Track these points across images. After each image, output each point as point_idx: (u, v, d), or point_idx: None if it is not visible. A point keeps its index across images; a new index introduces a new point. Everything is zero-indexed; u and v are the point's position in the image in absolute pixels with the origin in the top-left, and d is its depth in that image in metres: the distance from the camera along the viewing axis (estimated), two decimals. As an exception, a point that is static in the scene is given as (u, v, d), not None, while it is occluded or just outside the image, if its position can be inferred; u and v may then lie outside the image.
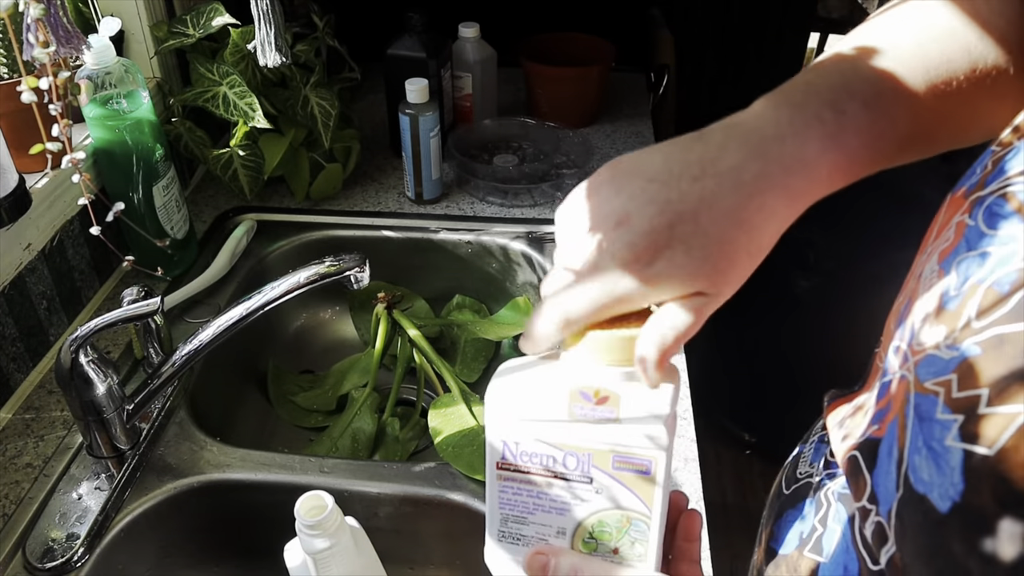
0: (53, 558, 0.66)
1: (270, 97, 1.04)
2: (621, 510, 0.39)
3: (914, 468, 0.32)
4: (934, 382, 0.32)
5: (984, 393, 0.29)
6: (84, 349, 0.66)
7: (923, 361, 0.33)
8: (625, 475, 0.39)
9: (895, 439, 0.35)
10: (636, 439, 0.38)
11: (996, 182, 0.34)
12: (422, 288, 1.09)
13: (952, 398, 0.30)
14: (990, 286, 0.31)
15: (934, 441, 0.31)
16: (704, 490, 0.73)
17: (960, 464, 0.29)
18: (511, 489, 0.41)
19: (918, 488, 0.32)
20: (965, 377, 0.30)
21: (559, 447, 0.39)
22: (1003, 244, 0.31)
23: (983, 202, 0.34)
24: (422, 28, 1.11)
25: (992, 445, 0.28)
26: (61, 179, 0.83)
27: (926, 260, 0.38)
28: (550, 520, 0.41)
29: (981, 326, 0.30)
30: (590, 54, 1.30)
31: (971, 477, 0.28)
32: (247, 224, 1.03)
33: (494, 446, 0.40)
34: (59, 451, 0.75)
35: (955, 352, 0.31)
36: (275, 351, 1.04)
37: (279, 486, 0.74)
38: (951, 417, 0.30)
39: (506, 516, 0.42)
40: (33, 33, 0.66)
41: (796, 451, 0.56)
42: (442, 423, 0.80)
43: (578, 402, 0.38)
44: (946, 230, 0.36)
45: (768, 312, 1.81)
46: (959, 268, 0.33)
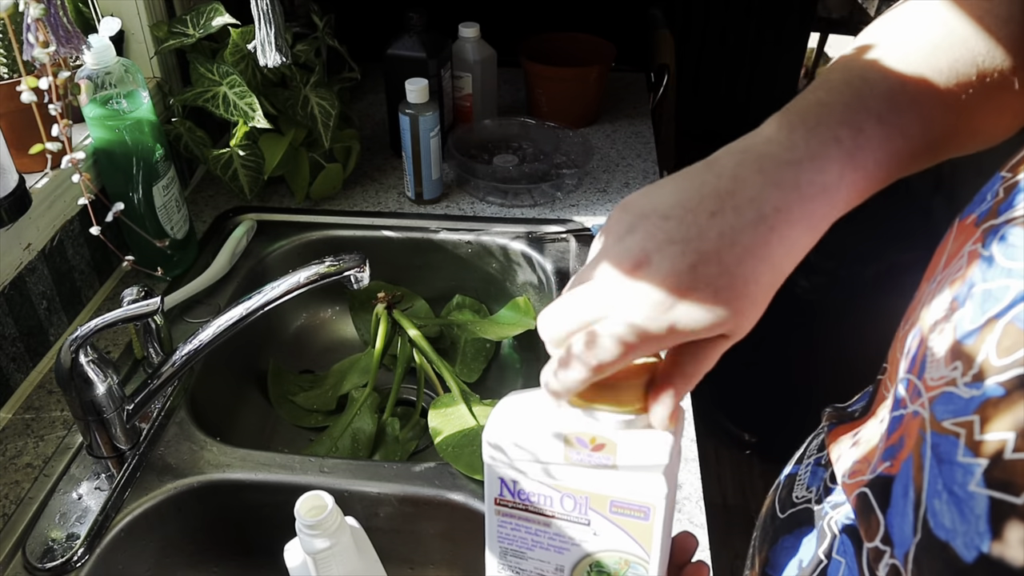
0: (53, 558, 0.66)
1: (270, 97, 1.04)
2: (619, 552, 0.39)
3: (934, 513, 0.31)
4: (953, 422, 0.30)
5: (1011, 438, 0.27)
6: (84, 349, 0.66)
7: (939, 399, 0.32)
8: (623, 520, 0.38)
9: (910, 479, 0.34)
10: (633, 487, 0.37)
11: (1010, 211, 0.33)
12: (422, 288, 1.09)
13: (975, 441, 0.29)
14: (1010, 322, 0.29)
15: (956, 486, 0.29)
16: (704, 490, 0.73)
17: (986, 512, 0.28)
18: (509, 524, 0.41)
19: (939, 534, 0.30)
20: (988, 419, 0.29)
21: (556, 489, 0.39)
22: (1021, 278, 0.30)
23: (997, 231, 0.33)
24: (422, 28, 1.11)
25: (1021, 493, 0.27)
26: (61, 179, 0.83)
27: (936, 289, 0.36)
28: (548, 557, 0.41)
29: (1003, 365, 0.29)
30: (590, 54, 1.30)
31: (998, 526, 0.27)
32: (247, 224, 1.03)
33: (493, 482, 0.40)
34: (59, 451, 0.75)
35: (976, 391, 0.30)
36: (275, 351, 1.04)
37: (279, 486, 0.74)
38: (974, 461, 0.29)
39: (505, 549, 0.42)
40: (33, 33, 0.66)
41: (790, 471, 0.54)
42: (442, 423, 0.80)
43: (574, 447, 0.37)
44: (957, 259, 0.35)
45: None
46: (974, 301, 0.32)
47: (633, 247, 0.34)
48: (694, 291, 0.33)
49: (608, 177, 1.18)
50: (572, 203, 1.11)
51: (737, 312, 0.34)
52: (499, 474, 0.40)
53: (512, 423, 0.39)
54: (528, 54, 1.28)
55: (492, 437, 0.39)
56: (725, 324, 0.34)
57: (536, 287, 1.03)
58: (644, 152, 1.25)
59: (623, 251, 0.35)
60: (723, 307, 0.33)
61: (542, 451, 0.38)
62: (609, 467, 0.37)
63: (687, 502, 0.71)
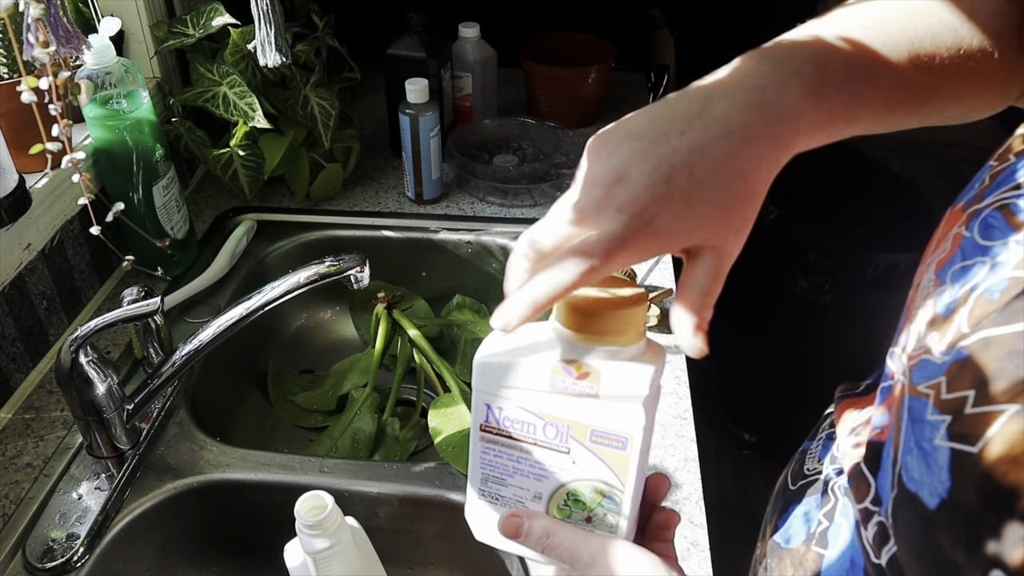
0: (53, 558, 0.66)
1: (270, 97, 1.04)
2: (596, 482, 0.40)
3: (907, 468, 0.33)
4: (926, 385, 0.33)
5: (971, 394, 0.30)
6: (84, 349, 0.66)
7: (917, 366, 0.34)
8: (601, 449, 0.39)
9: (891, 442, 0.36)
10: (613, 417, 0.39)
11: (992, 196, 0.35)
12: (422, 288, 1.09)
13: (941, 399, 0.31)
14: (981, 294, 0.32)
15: (924, 441, 0.32)
16: (704, 490, 0.73)
17: (948, 462, 0.30)
18: (492, 451, 0.42)
19: (910, 487, 0.33)
20: (954, 380, 0.31)
21: (540, 416, 0.40)
22: (996, 255, 0.33)
23: (980, 215, 0.35)
24: (422, 28, 1.11)
25: (976, 443, 0.29)
26: (61, 179, 0.83)
27: (925, 270, 0.39)
28: (528, 484, 0.42)
29: (971, 331, 0.31)
30: (590, 54, 1.30)
31: (957, 474, 0.29)
32: (247, 224, 1.03)
33: (479, 408, 0.42)
34: (59, 451, 0.75)
35: (946, 357, 0.32)
36: (275, 351, 1.04)
37: (279, 486, 0.74)
38: (940, 418, 0.31)
39: (486, 476, 0.44)
40: (33, 33, 0.66)
41: (803, 447, 0.56)
42: (442, 423, 0.80)
43: (560, 375, 0.39)
44: (944, 242, 0.38)
45: (768, 312, 1.81)
46: (954, 277, 0.35)
47: (611, 166, 0.37)
48: (669, 201, 0.36)
49: (608, 177, 1.18)
50: (572, 203, 1.11)
51: (715, 220, 0.36)
52: (486, 400, 0.41)
53: (503, 350, 0.40)
54: (528, 54, 1.28)
55: (482, 362, 0.40)
56: (700, 230, 0.36)
57: (536, 287, 1.03)
58: (644, 152, 1.25)
59: (601, 171, 0.37)
60: (697, 214, 0.36)
61: (529, 377, 0.39)
62: (592, 396, 0.39)
63: (687, 502, 0.71)
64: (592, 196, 0.37)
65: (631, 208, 0.35)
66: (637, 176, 0.36)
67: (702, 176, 0.36)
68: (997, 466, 0.28)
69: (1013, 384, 0.28)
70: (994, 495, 0.28)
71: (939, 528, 0.30)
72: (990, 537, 0.27)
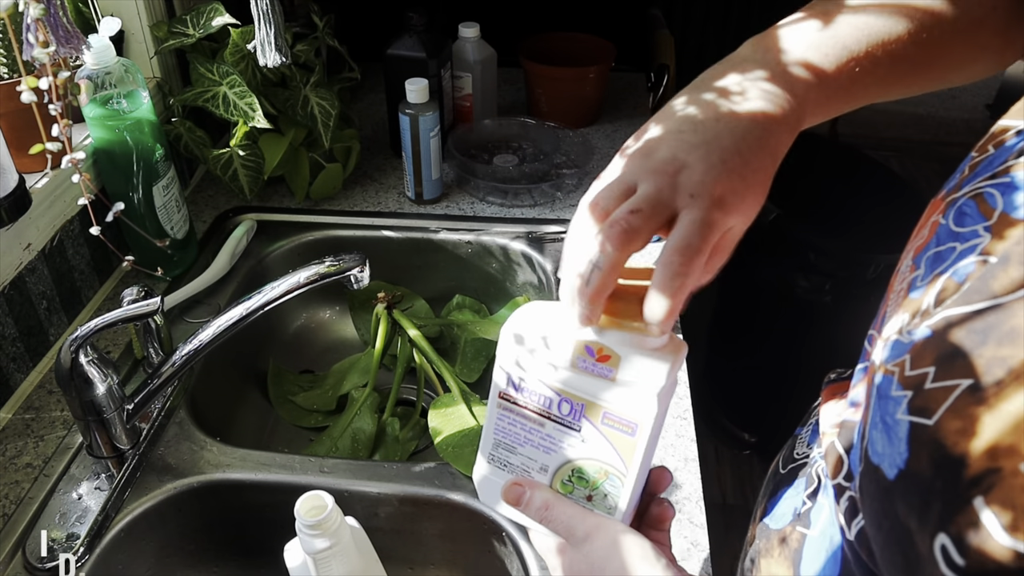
0: (53, 558, 0.66)
1: (270, 97, 1.04)
2: (602, 462, 0.41)
3: (872, 442, 0.35)
4: (893, 363, 0.34)
5: (931, 371, 0.31)
6: (84, 349, 0.66)
7: (887, 346, 0.36)
8: (611, 432, 0.41)
9: (862, 419, 0.38)
10: (627, 402, 0.40)
11: (969, 185, 0.37)
12: (422, 288, 1.09)
13: (905, 376, 0.33)
14: (949, 276, 0.34)
15: (887, 416, 0.33)
16: (704, 490, 0.73)
17: (906, 435, 0.31)
18: (507, 419, 0.44)
19: (873, 460, 0.34)
20: (917, 357, 0.32)
21: (557, 391, 0.41)
22: (967, 240, 0.34)
23: (956, 203, 0.37)
24: (422, 28, 1.11)
25: (932, 416, 0.30)
26: (61, 179, 0.83)
27: (904, 257, 0.41)
28: (536, 455, 0.44)
29: (937, 311, 0.33)
30: (590, 54, 1.30)
31: (914, 445, 0.31)
32: (247, 224, 1.03)
33: (500, 376, 0.43)
34: (59, 451, 0.75)
35: (912, 336, 0.34)
36: (275, 351, 1.04)
37: (279, 486, 0.74)
38: (902, 393, 0.32)
39: (498, 442, 0.45)
40: (33, 33, 0.66)
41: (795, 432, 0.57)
42: (442, 423, 0.80)
43: (582, 355, 0.40)
44: (923, 229, 0.40)
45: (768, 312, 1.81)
46: (928, 263, 0.37)
47: (665, 157, 0.39)
48: (729, 179, 0.38)
49: (608, 177, 1.18)
50: (572, 203, 1.11)
51: (760, 193, 0.40)
52: (508, 370, 0.43)
53: (531, 323, 0.42)
54: (528, 54, 1.28)
55: (509, 332, 0.42)
56: (754, 204, 0.40)
57: (536, 287, 1.03)
58: (644, 152, 1.25)
59: (658, 163, 0.39)
60: (752, 189, 0.39)
61: (553, 352, 0.41)
62: (609, 379, 0.40)
63: (687, 502, 0.71)
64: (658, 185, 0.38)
65: (702, 191, 0.38)
66: (695, 162, 0.38)
67: (750, 157, 0.39)
68: (948, 436, 0.29)
69: (968, 360, 0.30)
70: (944, 463, 0.29)
71: (896, 497, 0.32)
72: (938, 503, 0.29)
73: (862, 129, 3.42)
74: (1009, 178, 0.34)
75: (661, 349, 0.39)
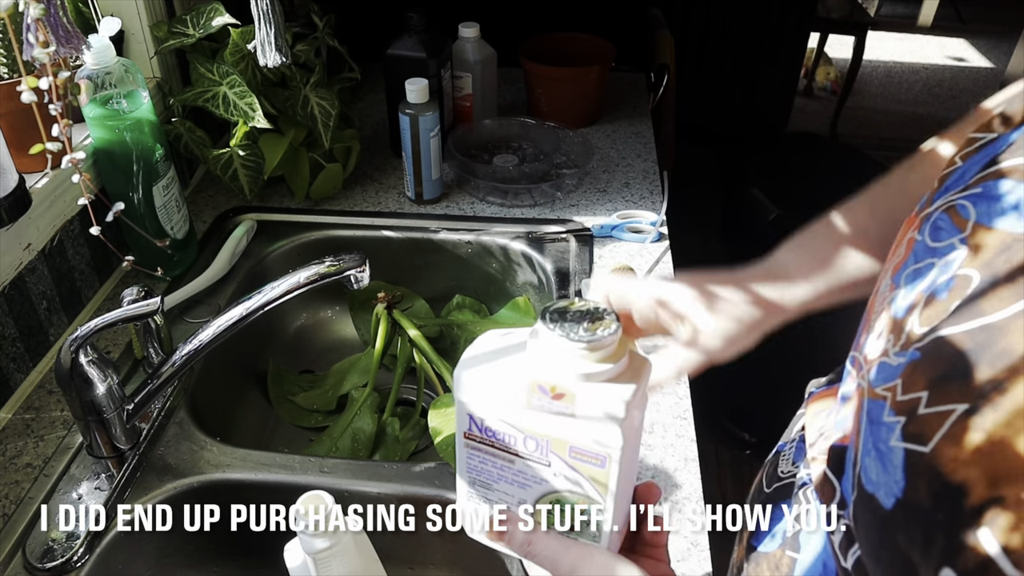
0: (53, 558, 0.66)
1: (270, 97, 1.04)
2: (578, 494, 0.40)
3: (865, 469, 0.34)
4: (883, 388, 0.34)
5: (924, 396, 0.30)
6: (84, 349, 0.66)
7: (876, 369, 0.35)
8: (581, 465, 0.39)
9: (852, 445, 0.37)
10: (591, 435, 0.38)
11: (941, 199, 0.37)
12: (422, 288, 1.09)
13: (897, 401, 0.32)
14: (932, 293, 0.33)
15: (880, 443, 0.32)
16: (704, 490, 0.73)
17: (902, 462, 0.30)
18: (477, 458, 0.43)
19: (868, 488, 0.33)
20: (908, 381, 0.32)
21: (520, 430, 0.40)
22: (944, 255, 0.34)
23: (930, 219, 0.37)
24: (422, 28, 1.11)
25: (928, 443, 0.29)
26: (61, 179, 0.83)
27: (883, 276, 0.41)
28: (512, 491, 0.42)
29: (923, 333, 0.32)
30: (590, 54, 1.30)
31: (911, 474, 0.30)
32: (247, 224, 1.03)
33: (462, 416, 0.42)
34: (59, 451, 0.75)
35: (902, 359, 0.33)
36: (275, 351, 1.04)
37: (279, 486, 0.74)
38: (895, 419, 0.32)
39: (473, 479, 0.44)
40: (33, 33, 0.66)
41: (777, 448, 0.57)
42: (442, 423, 0.80)
43: (536, 394, 0.38)
44: (899, 247, 0.40)
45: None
46: (907, 280, 0.36)
47: None
48: None
49: (608, 177, 1.18)
50: (572, 203, 1.12)
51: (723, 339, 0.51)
52: (468, 410, 0.41)
53: (482, 362, 0.40)
54: (528, 54, 1.28)
55: (462, 373, 0.40)
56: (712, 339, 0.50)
57: (536, 287, 1.03)
58: (644, 152, 1.25)
59: None
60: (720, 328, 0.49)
61: (507, 393, 0.39)
62: (568, 415, 0.38)
63: (687, 502, 0.71)
64: None
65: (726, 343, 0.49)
66: None
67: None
68: (946, 464, 0.28)
69: (962, 384, 0.29)
70: (944, 492, 0.28)
71: (895, 528, 0.31)
72: (941, 536, 0.28)
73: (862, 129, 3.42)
74: (980, 188, 0.34)
75: (620, 376, 0.38)
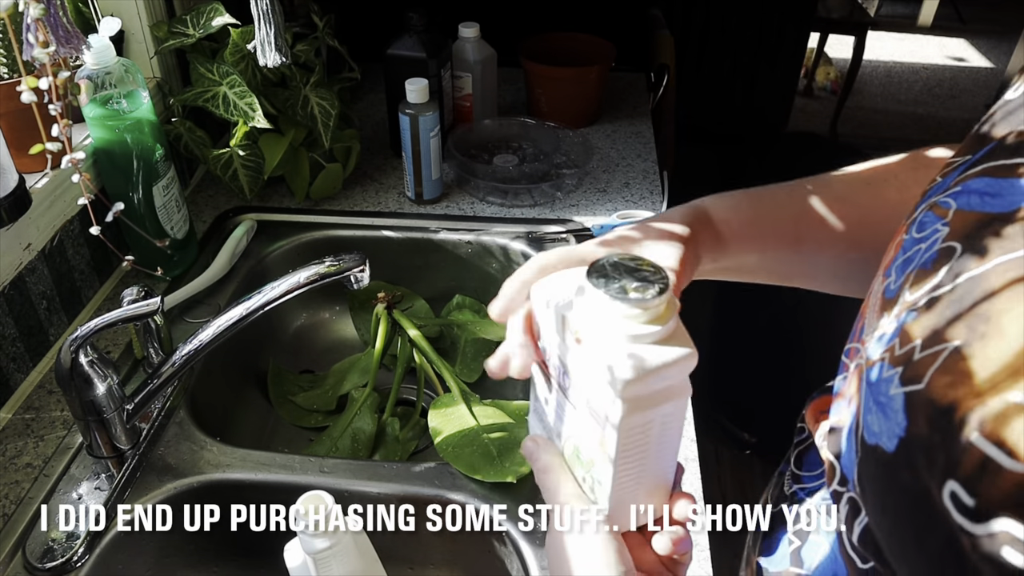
0: (53, 558, 0.66)
1: (270, 97, 1.04)
2: (589, 447, 0.40)
3: (867, 427, 0.35)
4: (881, 353, 0.35)
5: (918, 343, 0.32)
6: (84, 349, 0.66)
7: (870, 344, 0.37)
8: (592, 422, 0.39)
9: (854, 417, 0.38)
10: (600, 393, 0.38)
11: (924, 203, 0.39)
12: (422, 288, 1.09)
13: (895, 356, 0.34)
14: (919, 268, 0.36)
15: (881, 396, 0.34)
16: (704, 490, 0.73)
17: (902, 406, 0.32)
18: (539, 378, 0.44)
19: (870, 441, 0.34)
20: (904, 339, 0.34)
21: (563, 364, 0.41)
22: (928, 239, 0.36)
23: (916, 220, 0.39)
24: (422, 28, 1.11)
25: (923, 380, 0.31)
26: (61, 179, 0.83)
27: (875, 278, 0.43)
28: (553, 421, 0.44)
29: (914, 298, 0.35)
30: (590, 54, 1.30)
31: (911, 412, 0.31)
32: (247, 224, 1.03)
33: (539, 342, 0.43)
34: (59, 451, 0.75)
35: (896, 323, 0.35)
36: (275, 351, 1.04)
37: (279, 486, 0.74)
38: (893, 371, 0.33)
39: (536, 397, 0.45)
40: (33, 33, 0.66)
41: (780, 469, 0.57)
42: (442, 423, 0.80)
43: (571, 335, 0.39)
44: (889, 251, 0.42)
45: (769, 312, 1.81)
46: (896, 269, 0.39)
47: None
48: None
49: (608, 177, 1.18)
50: (572, 203, 1.12)
51: None
52: (539, 339, 0.43)
53: (550, 289, 0.41)
54: (528, 54, 1.28)
55: (536, 294, 0.42)
56: None
57: (536, 287, 1.03)
58: (644, 152, 1.25)
59: None
60: None
61: (555, 329, 0.40)
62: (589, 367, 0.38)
63: (687, 502, 0.71)
64: None
65: None
66: None
67: None
68: (937, 390, 0.30)
69: (952, 326, 0.31)
70: (937, 416, 0.30)
71: (899, 468, 0.32)
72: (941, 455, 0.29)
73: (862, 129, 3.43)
74: (960, 187, 0.37)
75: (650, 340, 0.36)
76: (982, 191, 0.35)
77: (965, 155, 0.39)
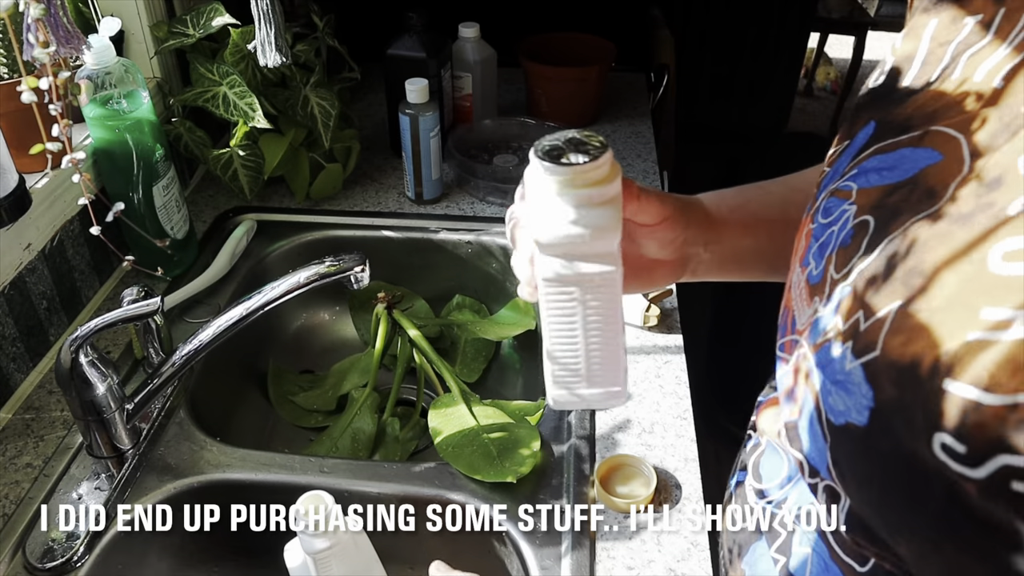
0: (53, 558, 0.66)
1: (270, 97, 1.04)
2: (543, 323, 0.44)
3: (830, 409, 0.35)
4: (824, 334, 0.36)
5: (860, 315, 0.33)
6: (84, 349, 0.66)
7: (809, 331, 0.38)
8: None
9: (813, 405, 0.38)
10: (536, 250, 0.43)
11: (823, 192, 0.41)
12: (422, 288, 1.09)
13: (840, 332, 0.34)
14: (838, 250, 0.37)
15: (837, 375, 0.34)
16: (704, 490, 0.73)
17: (863, 377, 0.32)
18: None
19: (839, 422, 0.34)
20: (847, 314, 0.34)
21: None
22: (838, 220, 0.38)
23: (819, 209, 0.41)
24: (422, 28, 1.11)
25: (876, 347, 0.31)
26: (61, 179, 0.84)
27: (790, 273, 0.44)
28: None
29: (841, 275, 0.36)
30: (590, 54, 1.30)
31: (874, 380, 0.32)
32: (247, 224, 1.03)
33: None
34: (59, 451, 0.75)
35: (832, 304, 0.36)
36: (275, 351, 1.04)
37: (279, 486, 0.74)
38: (843, 347, 0.34)
39: None
40: (33, 33, 0.66)
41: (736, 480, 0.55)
42: (442, 423, 0.80)
43: None
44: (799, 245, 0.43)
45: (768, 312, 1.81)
46: (813, 256, 0.40)
47: None
48: None
49: (608, 177, 1.18)
50: (572, 203, 1.11)
51: None
52: None
53: None
54: (528, 54, 1.28)
55: None
56: None
57: (536, 287, 1.03)
58: (644, 152, 1.25)
59: None
60: None
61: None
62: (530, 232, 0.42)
63: (687, 502, 0.71)
64: None
65: None
66: None
67: None
68: (894, 351, 0.30)
69: (888, 287, 0.32)
70: (902, 376, 0.30)
71: (876, 439, 0.32)
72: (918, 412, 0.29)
73: (862, 129, 3.42)
74: (856, 170, 0.39)
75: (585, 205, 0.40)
76: (878, 168, 0.37)
77: (844, 142, 0.41)
